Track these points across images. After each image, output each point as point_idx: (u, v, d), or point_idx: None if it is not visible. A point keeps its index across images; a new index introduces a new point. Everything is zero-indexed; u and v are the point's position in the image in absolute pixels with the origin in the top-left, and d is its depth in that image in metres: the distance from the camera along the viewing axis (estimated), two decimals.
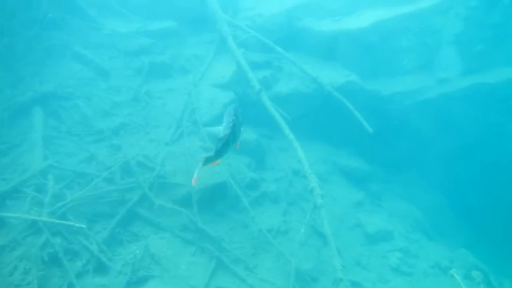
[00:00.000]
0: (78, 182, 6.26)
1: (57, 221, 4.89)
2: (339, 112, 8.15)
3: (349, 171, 8.37)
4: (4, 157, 6.34)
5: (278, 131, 7.68)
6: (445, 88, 7.96)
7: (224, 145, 3.21)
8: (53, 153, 6.53)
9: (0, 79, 7.05)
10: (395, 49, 8.39)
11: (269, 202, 7.31)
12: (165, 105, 7.96)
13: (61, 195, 5.87)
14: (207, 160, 3.18)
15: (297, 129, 8.03)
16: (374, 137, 7.64)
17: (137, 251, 5.78)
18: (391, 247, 7.12)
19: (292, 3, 9.49)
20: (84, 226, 4.92)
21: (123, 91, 8.00)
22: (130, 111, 7.71)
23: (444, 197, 8.75)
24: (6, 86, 7.01)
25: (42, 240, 5.11)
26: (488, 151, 8.01)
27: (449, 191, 8.68)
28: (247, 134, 7.80)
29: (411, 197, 8.52)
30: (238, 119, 3.36)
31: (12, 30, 7.43)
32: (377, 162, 8.79)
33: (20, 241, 5.08)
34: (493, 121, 7.81)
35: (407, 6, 8.40)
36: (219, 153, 3.18)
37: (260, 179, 7.50)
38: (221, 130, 3.40)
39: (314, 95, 8.41)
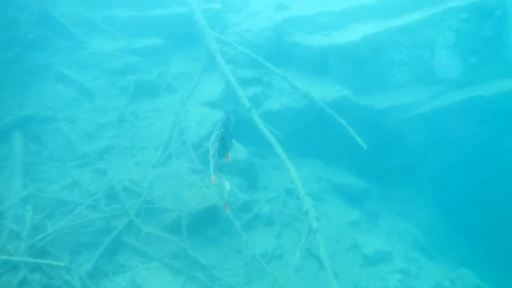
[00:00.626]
0: (60, 211, 5.94)
1: (33, 260, 4.55)
2: (332, 127, 7.96)
3: (344, 189, 8.12)
4: None
5: (270, 149, 7.43)
6: (439, 102, 7.79)
7: (216, 159, 3.08)
8: (33, 181, 6.22)
9: None
10: (387, 62, 8.24)
11: (262, 224, 7.02)
12: (152, 126, 7.69)
13: (42, 226, 5.55)
14: (218, 178, 3.06)
15: (289, 146, 7.83)
16: (369, 153, 7.45)
17: (123, 284, 5.46)
18: (391, 268, 6.83)
19: (281, 17, 9.34)
20: (62, 263, 4.59)
21: (108, 111, 7.73)
22: (116, 132, 7.43)
23: (442, 213, 8.52)
24: None
25: (19, 277, 4.76)
26: (485, 166, 7.82)
27: (447, 207, 8.45)
28: (238, 154, 7.53)
29: (408, 214, 8.28)
30: (228, 130, 3.21)
31: None
32: (372, 178, 8.56)
33: None
34: (489, 135, 7.64)
35: (397, 19, 8.27)
36: (216, 169, 3.04)
37: (252, 200, 7.22)
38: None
39: (306, 111, 8.21)
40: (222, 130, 3.17)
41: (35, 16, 7.86)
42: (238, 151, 7.41)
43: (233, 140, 3.30)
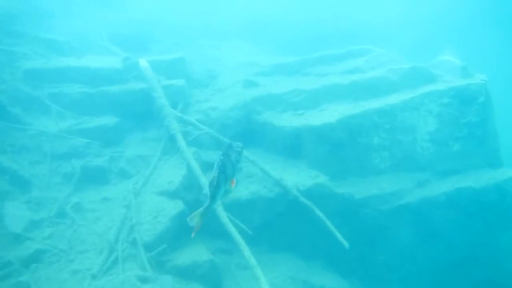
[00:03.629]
0: None
1: None
2: (308, 219, 7.10)
3: None
4: None
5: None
6: (425, 192, 7.03)
7: (216, 188, 3.12)
8: None
9: None
10: (366, 146, 7.55)
11: None
12: (98, 221, 6.53)
13: None
14: (208, 209, 3.11)
15: (260, 240, 6.97)
16: (350, 247, 6.57)
17: None
18: None
19: (250, 95, 8.68)
20: None
21: (45, 204, 6.56)
22: (52, 231, 6.22)
23: None
24: None
25: None
26: (479, 264, 6.96)
27: None
28: (198, 255, 6.41)
29: None
30: (229, 158, 3.23)
31: None
32: (354, 275, 7.52)
33: None
34: (481, 230, 6.86)
35: (374, 101, 7.72)
36: (214, 199, 3.12)
37: None
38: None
39: (279, 200, 7.30)
40: (223, 158, 3.18)
41: None
42: (197, 253, 6.32)
43: (239, 166, 3.29)
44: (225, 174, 3.14)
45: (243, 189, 7.48)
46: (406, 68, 7.84)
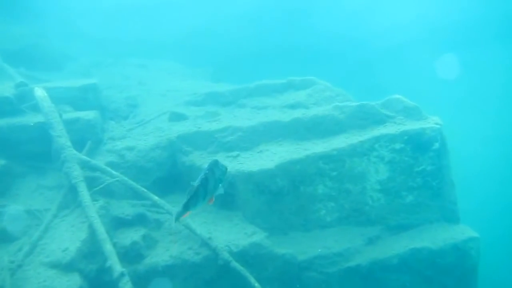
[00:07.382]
0: None
1: None
2: (243, 286, 5.83)
3: None
4: None
5: None
6: (376, 253, 6.07)
7: (193, 198, 3.13)
8: None
9: None
10: (310, 196, 6.51)
11: None
12: None
13: None
14: (178, 215, 3.17)
15: None
16: None
17: None
18: None
19: (176, 131, 7.40)
20: None
21: None
22: None
23: None
24: None
25: None
26: None
27: None
28: None
29: None
30: (213, 174, 3.22)
31: None
32: None
33: None
34: None
35: (319, 143, 6.72)
36: (186, 207, 3.13)
37: None
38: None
39: (206, 266, 5.99)
40: (207, 172, 3.18)
41: None
42: None
43: (220, 185, 3.24)
44: (205, 188, 3.10)
45: (163, 251, 6.11)
46: (353, 106, 6.94)
